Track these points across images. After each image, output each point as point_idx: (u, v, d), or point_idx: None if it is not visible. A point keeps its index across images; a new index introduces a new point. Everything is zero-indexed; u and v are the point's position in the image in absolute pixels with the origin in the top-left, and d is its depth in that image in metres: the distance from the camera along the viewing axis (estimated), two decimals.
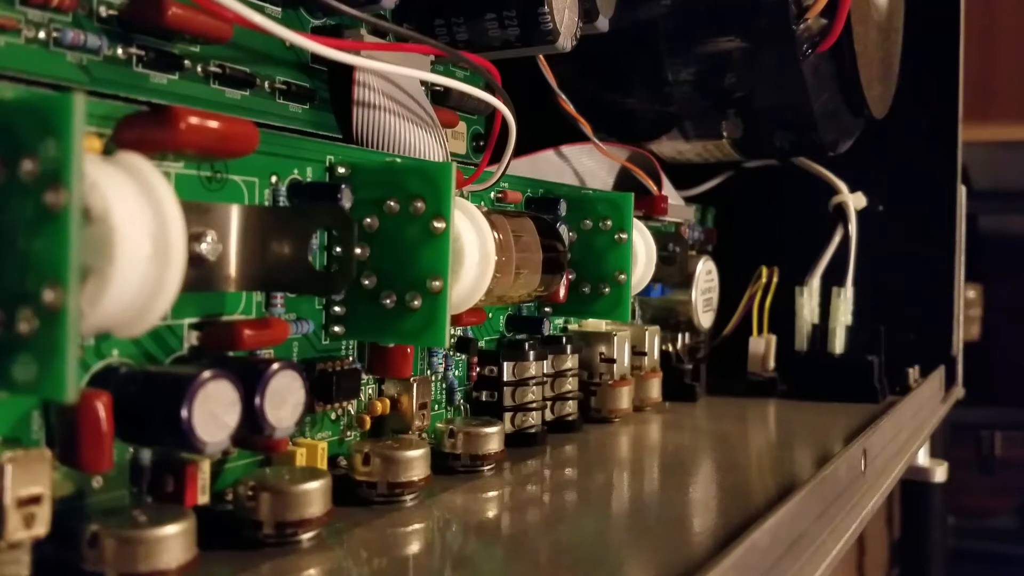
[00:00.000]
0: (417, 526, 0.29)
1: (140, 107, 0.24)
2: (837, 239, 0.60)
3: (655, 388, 0.49)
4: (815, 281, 0.59)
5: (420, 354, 0.35)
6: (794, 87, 0.49)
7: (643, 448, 0.43)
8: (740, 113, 0.52)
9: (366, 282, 0.29)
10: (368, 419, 0.32)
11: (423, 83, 0.35)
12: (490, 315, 0.39)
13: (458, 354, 0.38)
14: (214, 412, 0.22)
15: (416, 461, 0.30)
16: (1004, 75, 1.51)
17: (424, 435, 0.34)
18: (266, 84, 0.30)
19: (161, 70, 0.26)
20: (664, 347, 0.52)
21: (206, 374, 0.22)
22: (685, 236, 0.53)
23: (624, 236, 0.41)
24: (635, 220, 0.42)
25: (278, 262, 0.26)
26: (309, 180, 0.29)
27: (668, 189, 0.53)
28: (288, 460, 0.28)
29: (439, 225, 0.28)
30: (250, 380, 0.24)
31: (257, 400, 0.24)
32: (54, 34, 0.23)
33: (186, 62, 0.27)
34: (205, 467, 0.24)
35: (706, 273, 0.54)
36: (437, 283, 0.28)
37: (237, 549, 0.25)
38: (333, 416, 0.31)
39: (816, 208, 0.62)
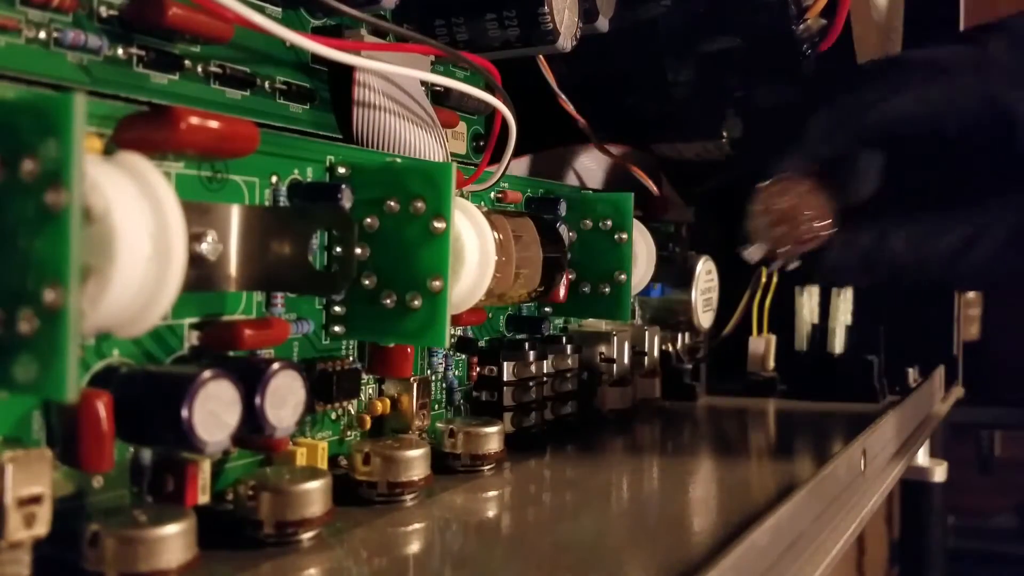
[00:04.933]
0: (417, 526, 0.29)
1: (140, 107, 0.24)
2: None
3: (655, 388, 0.49)
4: None
5: (420, 354, 0.35)
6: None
7: (643, 448, 0.43)
8: (740, 113, 0.52)
9: (366, 282, 0.29)
10: (368, 419, 0.32)
11: (423, 83, 0.35)
12: (490, 315, 0.39)
13: (458, 354, 0.38)
14: (214, 412, 0.22)
15: (416, 460, 0.30)
16: None
17: (424, 435, 0.34)
18: (266, 84, 0.30)
19: (161, 70, 0.26)
20: (664, 347, 0.52)
21: (206, 374, 0.22)
22: (685, 236, 0.53)
23: (624, 236, 0.41)
24: (635, 220, 0.42)
25: (278, 262, 0.26)
26: (309, 180, 0.29)
27: (668, 189, 0.53)
28: (288, 460, 0.28)
29: (439, 225, 0.28)
30: (250, 380, 0.24)
31: (257, 400, 0.24)
32: (55, 34, 0.23)
33: (186, 62, 0.27)
34: (206, 467, 0.24)
35: (706, 273, 0.54)
36: (437, 283, 0.28)
37: (237, 549, 0.25)
38: (333, 416, 0.31)
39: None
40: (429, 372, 0.35)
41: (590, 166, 0.51)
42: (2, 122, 0.19)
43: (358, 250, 0.28)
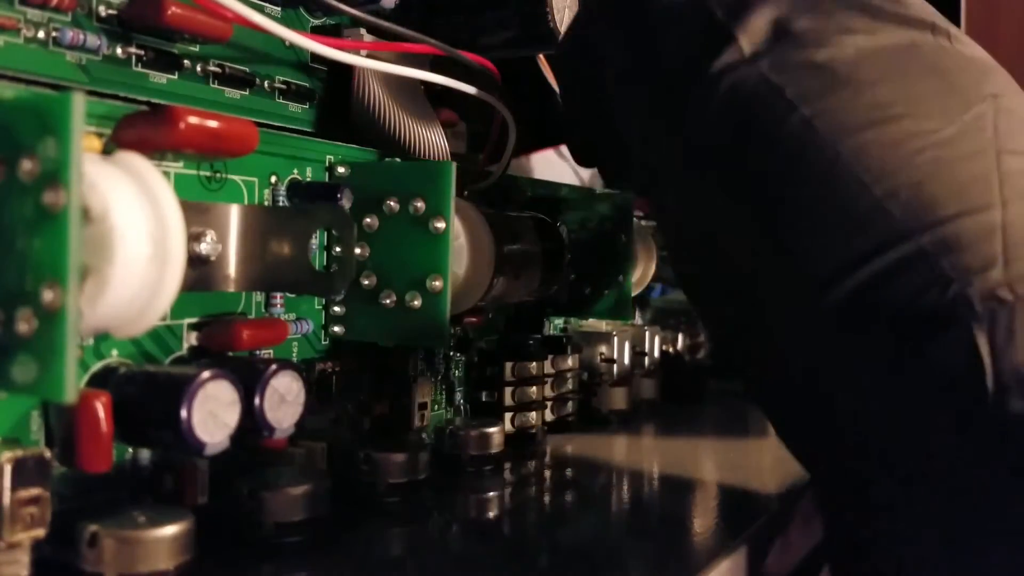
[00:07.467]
0: (417, 526, 0.29)
1: (139, 107, 0.24)
2: None
3: (655, 388, 0.49)
4: None
5: (420, 354, 0.35)
6: None
7: (643, 448, 0.43)
8: None
9: (366, 282, 0.29)
10: (368, 419, 0.32)
11: (422, 83, 0.35)
12: (490, 315, 0.39)
13: (458, 354, 0.37)
14: (213, 412, 0.22)
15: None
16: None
17: (424, 435, 0.34)
18: (266, 84, 0.30)
19: (160, 70, 0.26)
20: (664, 347, 0.52)
21: (205, 374, 0.22)
22: None
23: (623, 236, 0.41)
24: (635, 220, 0.42)
25: (278, 262, 0.26)
26: (309, 180, 0.29)
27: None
28: (288, 460, 0.28)
29: (439, 225, 0.28)
30: (249, 380, 0.23)
31: (256, 400, 0.24)
32: (53, 34, 0.23)
33: (185, 62, 0.27)
34: (204, 467, 0.24)
35: None
36: (437, 283, 0.28)
37: (237, 549, 0.25)
38: (333, 416, 0.31)
39: None
40: (429, 372, 0.35)
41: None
42: (1, 122, 0.19)
43: (358, 250, 0.28)
